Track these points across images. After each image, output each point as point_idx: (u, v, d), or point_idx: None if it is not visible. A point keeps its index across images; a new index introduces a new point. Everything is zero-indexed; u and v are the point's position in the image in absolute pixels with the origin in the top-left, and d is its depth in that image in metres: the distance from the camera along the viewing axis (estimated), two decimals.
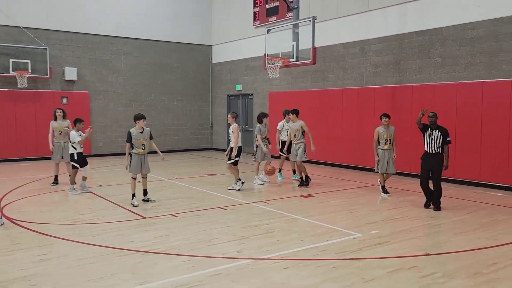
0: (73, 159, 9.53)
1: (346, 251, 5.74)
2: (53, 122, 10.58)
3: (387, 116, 9.16)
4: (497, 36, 10.01)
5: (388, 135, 9.15)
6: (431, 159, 7.97)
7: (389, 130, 9.19)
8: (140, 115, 8.55)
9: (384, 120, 9.12)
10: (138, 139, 8.43)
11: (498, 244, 6.03)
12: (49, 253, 5.65)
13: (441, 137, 7.84)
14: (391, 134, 9.19)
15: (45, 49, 15.43)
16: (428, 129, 7.96)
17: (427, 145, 7.99)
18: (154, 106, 18.20)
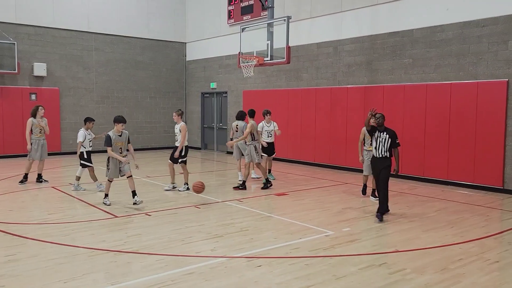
0: (83, 157, 9.55)
1: (318, 248, 5.82)
2: (33, 119, 10.31)
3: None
4: (464, 39, 10.33)
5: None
6: (378, 164, 7.40)
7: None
8: (120, 118, 8.20)
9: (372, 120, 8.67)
10: (117, 143, 8.17)
11: (464, 240, 6.24)
12: (18, 253, 5.51)
13: (389, 139, 7.29)
14: None
15: (13, 43, 14.97)
16: (376, 132, 7.43)
17: (374, 149, 7.45)
18: (127, 103, 17.94)
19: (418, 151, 11.14)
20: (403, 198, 9.15)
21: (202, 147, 18.82)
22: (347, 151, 12.80)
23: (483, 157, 9.97)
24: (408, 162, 11.34)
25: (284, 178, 11.56)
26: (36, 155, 10.33)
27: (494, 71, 9.86)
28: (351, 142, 12.63)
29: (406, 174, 11.40)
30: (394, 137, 7.34)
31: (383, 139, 7.31)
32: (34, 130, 10.28)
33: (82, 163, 9.61)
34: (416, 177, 11.22)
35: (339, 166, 13.08)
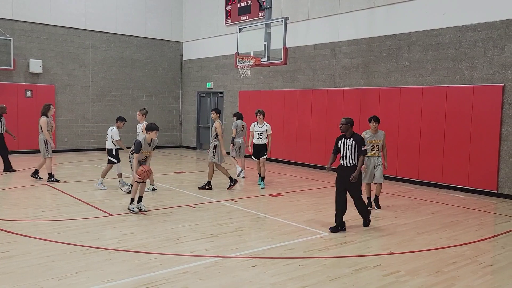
0: (112, 154, 9.64)
1: (313, 249, 5.83)
2: (47, 118, 10.21)
3: (376, 120, 8.19)
4: (461, 43, 10.39)
5: (375, 141, 8.19)
6: (346, 174, 6.72)
7: (377, 136, 8.22)
8: (154, 126, 7.71)
9: (373, 124, 8.15)
10: (143, 152, 7.71)
11: (458, 243, 6.27)
12: (11, 250, 5.48)
13: (355, 146, 6.71)
14: (379, 140, 8.21)
15: (9, 39, 14.90)
16: (342, 138, 6.83)
17: (341, 157, 6.84)
18: (122, 102, 17.88)
19: (413, 154, 11.18)
20: (397, 201, 9.18)
21: (197, 146, 18.79)
22: None
23: (477, 161, 10.03)
24: (403, 165, 11.38)
25: (279, 179, 11.56)
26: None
27: (490, 75, 9.92)
28: None
29: (401, 177, 11.44)
30: (360, 144, 6.72)
31: (349, 146, 6.71)
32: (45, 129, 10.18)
33: (110, 159, 9.64)
34: (411, 180, 11.26)
35: (334, 167, 13.07)
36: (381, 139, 8.24)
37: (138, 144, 7.62)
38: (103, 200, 8.61)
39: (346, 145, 6.73)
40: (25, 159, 13.92)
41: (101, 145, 17.29)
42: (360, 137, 6.79)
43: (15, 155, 14.89)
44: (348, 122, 6.80)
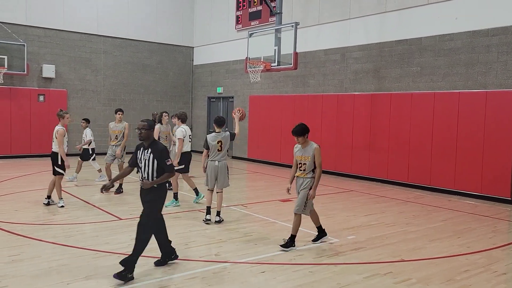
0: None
1: (322, 256, 5.77)
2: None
3: (296, 133, 6.19)
4: (473, 48, 10.28)
5: (302, 157, 6.21)
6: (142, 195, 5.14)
7: (305, 151, 6.22)
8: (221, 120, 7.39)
9: (296, 138, 6.26)
10: (212, 144, 7.23)
11: (471, 251, 6.16)
12: (21, 253, 5.51)
13: (153, 160, 4.96)
14: (307, 156, 6.16)
15: (23, 45, 15.10)
16: (141, 149, 5.13)
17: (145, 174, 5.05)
18: (133, 106, 18.00)
19: (424, 160, 11.05)
20: (409, 207, 9.08)
21: None
22: (352, 158, 12.74)
23: (491, 167, 9.88)
24: (415, 171, 11.26)
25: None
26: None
27: (503, 80, 9.79)
28: (357, 149, 12.58)
29: (412, 183, 11.32)
30: (161, 157, 4.97)
31: (147, 160, 5.01)
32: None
33: None
34: (423, 186, 11.14)
35: (344, 173, 13.02)
36: (310, 155, 6.15)
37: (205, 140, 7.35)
38: (112, 204, 8.64)
39: (143, 157, 5.05)
40: (37, 163, 14.06)
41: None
42: (162, 148, 5.07)
43: (28, 159, 15.06)
44: (144, 127, 4.99)
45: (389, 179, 11.84)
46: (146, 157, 5.00)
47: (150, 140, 5.06)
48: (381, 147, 11.99)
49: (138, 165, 5.14)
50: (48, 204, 8.20)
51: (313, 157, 6.07)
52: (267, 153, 15.48)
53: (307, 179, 6.12)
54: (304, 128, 6.12)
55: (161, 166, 4.98)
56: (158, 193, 5.06)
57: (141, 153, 5.07)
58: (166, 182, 5.12)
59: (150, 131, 5.03)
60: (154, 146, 5.04)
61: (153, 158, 4.96)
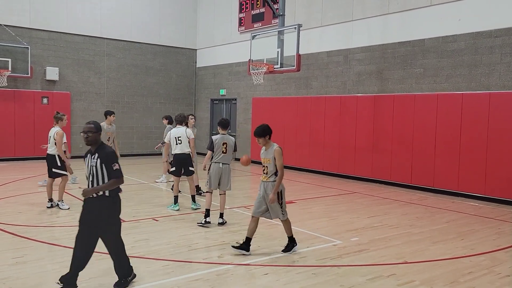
0: None
1: (326, 258, 5.77)
2: None
3: (258, 133, 5.85)
4: (476, 50, 10.26)
5: (264, 160, 5.91)
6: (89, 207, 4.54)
7: (267, 153, 5.92)
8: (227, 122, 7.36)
9: (257, 140, 5.93)
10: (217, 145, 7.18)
11: (475, 253, 6.14)
12: (25, 256, 5.53)
13: (101, 166, 4.46)
14: (268, 158, 5.86)
15: (27, 48, 15.18)
16: (88, 155, 4.60)
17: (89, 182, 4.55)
18: (136, 109, 18.06)
19: (428, 161, 11.03)
20: (412, 209, 9.05)
21: None
22: (355, 160, 12.72)
23: (494, 169, 9.84)
24: (418, 173, 11.23)
25: (292, 186, 11.51)
26: None
27: (507, 82, 9.77)
28: (360, 151, 12.57)
29: (416, 185, 11.29)
30: (107, 162, 4.47)
31: (94, 167, 4.48)
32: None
33: None
34: (426, 188, 11.11)
35: (347, 175, 13.01)
36: (271, 157, 5.82)
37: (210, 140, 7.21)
38: None
39: (90, 164, 4.52)
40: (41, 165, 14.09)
41: None
42: (109, 151, 4.55)
43: (32, 161, 15.12)
44: (91, 130, 4.51)
45: (392, 180, 11.81)
46: (93, 163, 4.47)
47: (98, 144, 4.55)
48: (384, 149, 11.97)
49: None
50: (51, 206, 8.22)
51: (274, 159, 5.78)
52: None
53: (269, 184, 5.84)
54: (265, 129, 5.83)
55: (108, 172, 4.47)
56: (107, 203, 4.49)
57: (88, 160, 4.54)
58: (118, 191, 4.64)
59: (98, 134, 4.55)
60: (101, 150, 4.52)
61: (100, 164, 4.45)
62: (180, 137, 8.36)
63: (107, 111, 10.45)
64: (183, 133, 8.40)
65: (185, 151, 8.35)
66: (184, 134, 8.40)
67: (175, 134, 8.40)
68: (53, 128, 8.31)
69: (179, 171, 8.40)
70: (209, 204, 7.35)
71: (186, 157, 8.39)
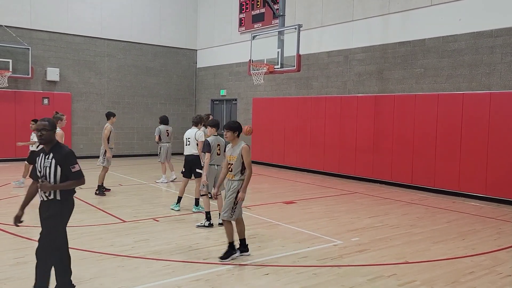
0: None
1: (326, 258, 5.76)
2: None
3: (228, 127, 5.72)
4: (477, 49, 10.25)
5: (230, 157, 5.68)
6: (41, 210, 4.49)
7: (233, 150, 5.68)
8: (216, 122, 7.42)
9: (225, 133, 5.75)
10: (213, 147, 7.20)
11: (476, 253, 6.14)
12: (26, 256, 5.53)
13: (56, 166, 4.15)
14: (234, 156, 5.62)
15: (27, 48, 15.19)
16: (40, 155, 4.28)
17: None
18: (137, 109, 18.07)
19: (428, 161, 11.02)
20: (413, 209, 9.05)
21: None
22: (356, 160, 12.72)
23: (495, 169, 9.84)
24: (418, 173, 11.23)
25: (293, 186, 11.51)
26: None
27: (508, 81, 9.76)
28: (361, 151, 12.57)
29: (416, 185, 11.28)
30: (65, 163, 4.17)
31: (48, 168, 4.18)
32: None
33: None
34: (427, 188, 11.10)
35: (348, 175, 13.00)
36: (237, 154, 5.57)
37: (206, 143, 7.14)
38: (116, 207, 8.66)
39: (43, 165, 4.19)
40: None
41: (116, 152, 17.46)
42: (68, 152, 4.23)
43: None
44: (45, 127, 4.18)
45: (393, 180, 11.81)
46: (47, 164, 4.14)
47: (53, 143, 4.21)
48: (385, 149, 11.97)
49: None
50: None
51: (241, 156, 5.57)
52: (271, 155, 15.48)
53: (235, 182, 5.62)
54: (237, 126, 5.73)
55: (65, 174, 4.14)
56: (59, 208, 4.29)
57: (41, 160, 4.18)
58: (71, 194, 4.37)
59: (52, 132, 4.21)
60: (57, 151, 4.18)
61: (55, 165, 4.13)
62: (189, 139, 8.36)
63: (110, 113, 10.35)
64: (193, 135, 8.38)
65: (192, 152, 8.34)
66: (193, 136, 8.35)
67: (186, 135, 8.47)
68: None
69: (187, 172, 8.41)
70: (209, 206, 7.33)
71: (193, 158, 8.34)
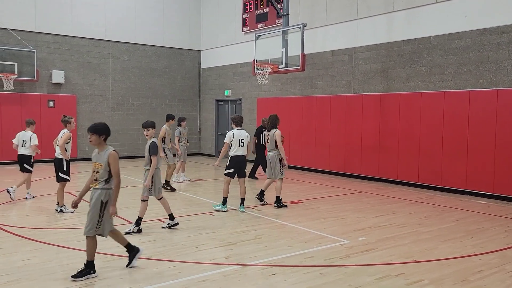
0: None
1: (333, 257, 5.73)
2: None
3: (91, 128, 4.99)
4: (483, 46, 10.18)
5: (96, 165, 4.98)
6: None
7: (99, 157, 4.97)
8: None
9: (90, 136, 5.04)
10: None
11: (484, 252, 6.08)
12: (33, 258, 5.55)
13: None
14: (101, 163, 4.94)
15: (33, 51, 15.27)
16: None
17: None
18: (142, 111, 18.10)
19: (435, 160, 10.96)
20: (420, 208, 8.99)
21: (216, 154, 18.84)
22: (362, 160, 12.67)
23: (503, 167, 9.76)
24: (425, 171, 11.16)
25: (298, 186, 11.48)
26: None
27: None
28: (366, 150, 12.51)
29: (423, 183, 11.22)
30: None
31: None
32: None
33: None
34: (434, 186, 11.03)
35: (353, 174, 12.95)
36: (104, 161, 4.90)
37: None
38: (123, 208, 8.66)
39: None
40: (47, 168, 14.14)
41: (121, 153, 17.51)
42: None
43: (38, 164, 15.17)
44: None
45: (399, 179, 11.75)
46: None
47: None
48: (391, 148, 11.91)
49: None
50: (61, 211, 8.21)
51: (108, 164, 4.87)
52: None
53: (98, 191, 4.89)
54: (102, 128, 5.00)
55: None
56: None
57: None
58: None
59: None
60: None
61: None
62: (243, 140, 8.34)
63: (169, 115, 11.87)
64: (246, 136, 8.39)
65: (245, 153, 8.38)
66: (247, 136, 8.41)
67: (238, 135, 8.33)
68: (62, 130, 8.29)
69: (235, 173, 8.37)
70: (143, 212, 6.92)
71: (244, 159, 8.42)
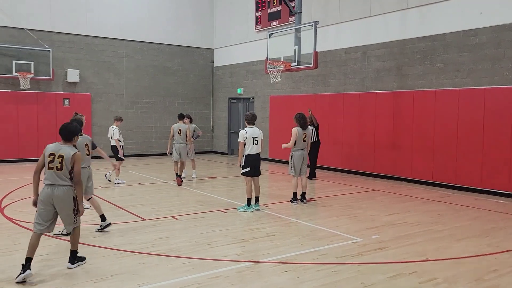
0: None
1: (346, 255, 5.72)
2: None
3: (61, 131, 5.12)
4: (499, 43, 10.03)
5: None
6: None
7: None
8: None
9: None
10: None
11: (499, 251, 6.01)
12: (49, 253, 5.64)
13: None
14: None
15: (48, 51, 15.48)
16: None
17: None
18: (155, 109, 18.23)
19: (450, 158, 10.84)
20: (434, 206, 8.91)
21: (228, 152, 18.90)
22: (375, 157, 12.59)
23: None
24: (439, 170, 11.05)
25: (312, 184, 11.45)
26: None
27: None
28: (380, 148, 12.43)
29: (437, 182, 11.11)
30: None
31: None
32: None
33: None
34: (448, 185, 10.92)
35: (367, 172, 12.88)
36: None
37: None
38: (136, 205, 8.76)
39: None
40: None
41: (135, 151, 17.67)
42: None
43: None
44: None
45: (413, 178, 11.65)
46: None
47: None
48: (405, 146, 11.81)
49: None
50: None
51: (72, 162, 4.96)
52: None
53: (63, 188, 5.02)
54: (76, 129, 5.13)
55: None
56: None
57: None
58: None
59: None
60: None
61: None
62: (257, 138, 8.27)
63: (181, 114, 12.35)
64: (259, 133, 8.37)
65: (259, 151, 8.36)
66: (260, 134, 8.35)
67: (252, 134, 8.23)
68: None
69: (252, 172, 8.28)
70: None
71: (258, 157, 8.41)
